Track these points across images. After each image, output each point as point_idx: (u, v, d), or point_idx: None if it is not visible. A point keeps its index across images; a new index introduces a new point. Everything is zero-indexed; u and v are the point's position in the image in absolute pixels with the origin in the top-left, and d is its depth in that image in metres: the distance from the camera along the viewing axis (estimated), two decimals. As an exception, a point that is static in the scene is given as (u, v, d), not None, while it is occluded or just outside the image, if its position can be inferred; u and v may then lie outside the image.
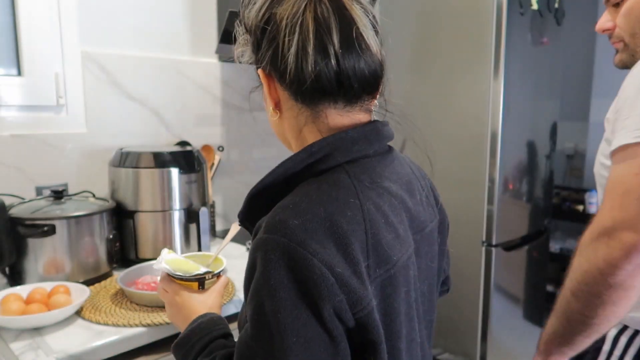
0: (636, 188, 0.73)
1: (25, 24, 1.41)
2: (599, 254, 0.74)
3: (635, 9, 0.90)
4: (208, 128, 1.86)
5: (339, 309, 0.54)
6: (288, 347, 0.52)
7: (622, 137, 0.77)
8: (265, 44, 0.63)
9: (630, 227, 0.72)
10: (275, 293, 0.53)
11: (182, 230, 1.46)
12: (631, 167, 0.75)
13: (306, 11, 0.60)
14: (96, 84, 1.55)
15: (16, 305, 1.03)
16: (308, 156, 0.61)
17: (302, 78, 0.61)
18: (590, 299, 0.76)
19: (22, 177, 1.41)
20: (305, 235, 0.54)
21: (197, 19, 1.78)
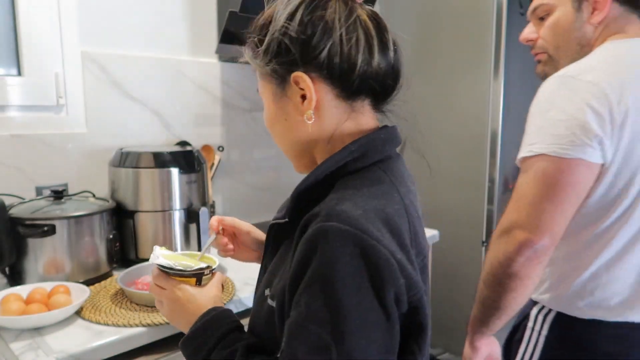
0: (526, 195, 0.88)
1: (25, 24, 1.41)
2: (500, 249, 0.89)
3: (561, 23, 0.99)
4: (208, 128, 1.86)
5: (399, 292, 0.58)
6: (350, 330, 0.55)
7: (521, 150, 0.91)
8: (314, 44, 0.64)
9: (521, 226, 0.87)
10: (342, 277, 0.55)
11: (182, 230, 1.45)
12: (523, 177, 0.90)
13: (360, 12, 0.66)
14: (96, 84, 1.55)
15: (16, 305, 1.03)
16: (348, 154, 0.66)
17: (369, 70, 0.66)
18: (495, 287, 0.91)
19: (22, 177, 1.41)
20: (368, 224, 0.57)
21: (197, 19, 1.78)
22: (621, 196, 0.89)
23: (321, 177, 0.66)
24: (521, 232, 0.87)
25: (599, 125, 0.84)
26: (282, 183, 2.08)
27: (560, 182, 0.86)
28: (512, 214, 0.90)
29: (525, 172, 0.90)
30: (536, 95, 0.93)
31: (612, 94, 0.85)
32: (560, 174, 0.86)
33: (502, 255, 0.89)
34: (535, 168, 0.88)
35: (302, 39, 0.65)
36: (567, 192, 0.86)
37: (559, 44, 1.01)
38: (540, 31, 1.03)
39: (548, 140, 0.87)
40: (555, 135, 0.86)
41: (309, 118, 0.67)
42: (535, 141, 0.88)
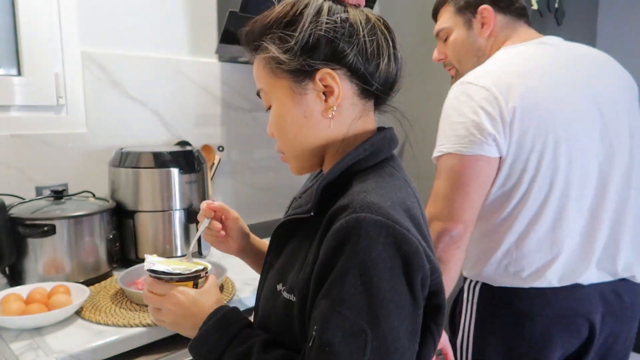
0: (440, 190, 1.04)
1: (25, 24, 1.41)
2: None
3: (458, 42, 1.19)
4: (208, 128, 1.86)
5: (425, 276, 0.62)
6: (384, 314, 0.58)
7: (434, 151, 1.06)
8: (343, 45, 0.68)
9: (438, 218, 1.02)
10: (378, 265, 0.59)
11: (182, 230, 1.45)
12: (438, 174, 1.05)
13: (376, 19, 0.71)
14: (96, 84, 1.55)
15: (16, 305, 1.03)
16: (362, 152, 0.70)
17: (388, 74, 0.71)
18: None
19: (22, 177, 1.41)
20: (397, 215, 0.62)
21: (197, 19, 1.78)
22: (518, 183, 1.03)
23: (339, 172, 0.69)
24: (438, 222, 1.02)
25: (492, 125, 0.99)
26: (282, 183, 2.08)
27: (465, 176, 1.01)
28: (430, 208, 1.05)
29: (437, 170, 1.06)
30: (445, 102, 1.08)
31: (501, 96, 1.00)
32: (464, 169, 1.01)
33: None
34: (445, 166, 1.04)
35: (332, 37, 0.67)
36: (472, 184, 1.01)
37: (460, 59, 1.20)
38: (446, 50, 1.23)
39: (452, 141, 1.02)
40: (456, 136, 1.02)
41: (331, 114, 0.70)
42: (442, 142, 1.04)
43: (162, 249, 1.43)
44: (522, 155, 1.01)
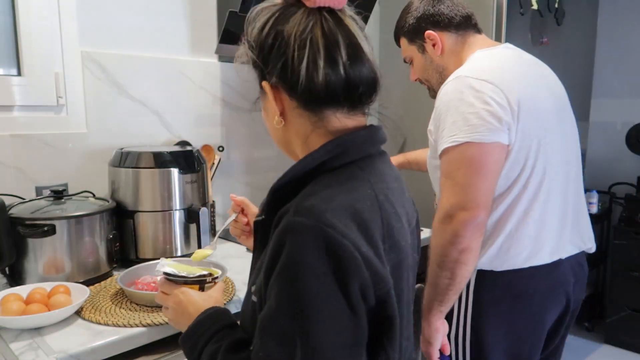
0: (460, 179, 1.05)
1: (25, 24, 1.41)
2: (447, 231, 1.05)
3: (419, 65, 1.34)
4: (208, 128, 1.86)
5: (364, 286, 0.59)
6: (315, 322, 0.57)
7: (443, 143, 1.09)
8: (273, 58, 0.68)
9: (462, 207, 1.04)
10: (307, 270, 0.57)
11: (182, 230, 1.45)
12: (453, 164, 1.07)
13: (315, 28, 0.66)
14: (96, 84, 1.55)
15: (16, 305, 1.03)
16: (324, 153, 0.68)
17: (313, 88, 0.67)
18: (451, 265, 1.06)
19: (22, 177, 1.41)
20: (334, 219, 0.59)
21: (197, 19, 1.78)
22: (522, 170, 1.10)
23: (298, 174, 0.68)
24: (464, 212, 1.04)
25: (504, 114, 1.06)
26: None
27: (487, 163, 1.05)
28: (450, 199, 1.06)
29: (451, 161, 1.07)
30: (439, 99, 1.14)
31: (505, 88, 1.08)
32: (485, 156, 1.05)
33: (450, 236, 1.05)
34: (462, 155, 1.05)
35: (262, 54, 0.69)
36: (492, 171, 1.06)
37: (426, 77, 1.35)
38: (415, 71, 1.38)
39: (467, 130, 1.05)
40: (471, 125, 1.05)
41: (277, 123, 0.72)
42: (455, 133, 1.06)
43: (162, 249, 1.43)
44: (525, 144, 1.09)
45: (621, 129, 3.01)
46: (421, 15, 1.27)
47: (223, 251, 1.57)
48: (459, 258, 1.05)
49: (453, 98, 1.10)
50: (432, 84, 1.34)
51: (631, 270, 2.67)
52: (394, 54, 1.98)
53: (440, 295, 1.10)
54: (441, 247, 1.07)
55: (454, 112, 1.08)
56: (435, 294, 1.11)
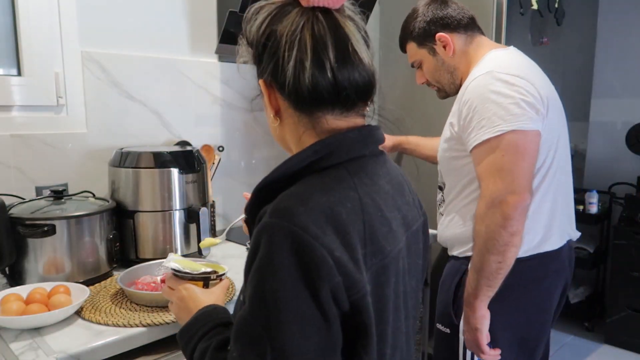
0: (506, 165, 1.10)
1: (25, 24, 1.41)
2: (496, 215, 1.09)
3: (430, 68, 1.38)
4: (208, 128, 1.86)
5: (336, 290, 0.58)
6: (284, 324, 0.56)
7: (483, 134, 1.13)
8: (266, 57, 0.68)
9: (512, 192, 1.09)
10: (277, 272, 0.57)
11: (182, 230, 1.45)
12: (498, 152, 1.11)
13: (304, 29, 0.65)
14: (96, 84, 1.55)
15: (16, 305, 1.03)
16: (311, 154, 0.66)
17: (299, 89, 0.66)
18: (501, 248, 1.10)
19: (22, 177, 1.41)
20: (308, 221, 0.58)
21: (197, 19, 1.78)
22: (544, 161, 1.19)
23: (285, 174, 0.67)
24: (513, 195, 1.08)
25: (540, 105, 1.14)
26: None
27: (530, 150, 1.11)
28: (497, 184, 1.10)
29: (495, 149, 1.11)
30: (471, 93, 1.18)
31: (535, 83, 1.15)
32: (528, 143, 1.11)
33: (502, 219, 1.09)
34: (506, 143, 1.10)
35: (256, 53, 0.70)
36: (533, 157, 1.12)
37: (437, 79, 1.39)
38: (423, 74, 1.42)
39: (510, 120, 1.10)
40: (513, 115, 1.11)
41: (272, 122, 0.72)
42: (498, 123, 1.11)
43: (162, 249, 1.43)
44: (550, 137, 1.18)
45: (621, 129, 3.01)
46: (431, 19, 1.32)
47: (223, 251, 1.57)
48: (510, 241, 1.09)
49: (488, 91, 1.14)
50: (442, 84, 1.39)
51: (631, 270, 2.67)
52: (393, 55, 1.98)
53: (489, 279, 1.13)
54: (491, 232, 1.10)
55: (492, 104, 1.12)
56: (483, 279, 1.14)
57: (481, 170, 1.14)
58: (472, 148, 1.16)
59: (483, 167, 1.14)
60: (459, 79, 1.34)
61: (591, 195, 2.89)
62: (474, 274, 1.15)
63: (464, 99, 1.19)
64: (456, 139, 1.23)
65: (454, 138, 1.24)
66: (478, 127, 1.14)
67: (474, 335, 1.19)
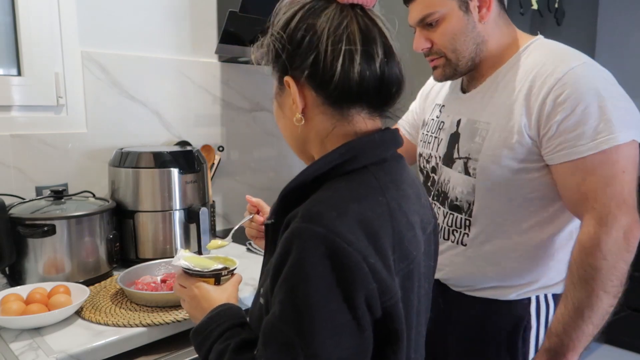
0: (628, 185, 0.89)
1: (25, 24, 1.41)
2: (622, 250, 0.88)
3: (455, 28, 1.00)
4: (208, 128, 1.86)
5: (370, 297, 0.58)
6: (317, 330, 0.55)
7: (600, 142, 0.89)
8: (301, 53, 0.66)
9: (635, 219, 0.89)
10: (311, 279, 0.56)
11: (182, 230, 1.45)
12: (618, 167, 0.89)
13: (351, 23, 0.66)
14: (96, 84, 1.55)
15: (16, 305, 1.03)
16: (338, 157, 0.66)
17: (347, 83, 0.65)
18: (618, 288, 0.89)
19: (22, 177, 1.41)
20: (342, 227, 0.58)
21: (197, 19, 1.78)
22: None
23: (310, 178, 0.66)
24: (637, 224, 0.89)
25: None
26: (282, 183, 2.05)
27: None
28: (621, 209, 0.89)
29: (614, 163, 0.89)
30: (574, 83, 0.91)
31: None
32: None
33: (628, 255, 0.89)
34: (627, 155, 0.89)
35: (291, 47, 0.67)
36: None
37: (456, 47, 1.02)
38: (433, 37, 1.03)
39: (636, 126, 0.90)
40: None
41: (297, 120, 0.70)
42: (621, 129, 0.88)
43: (162, 249, 1.43)
44: None
45: (621, 129, 3.01)
46: None
47: (223, 251, 1.57)
48: (625, 274, 0.90)
49: (607, 85, 0.92)
50: (458, 56, 1.03)
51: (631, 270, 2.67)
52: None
53: (598, 327, 0.91)
54: (617, 269, 0.89)
55: (616, 102, 0.90)
56: (589, 326, 0.90)
57: (593, 188, 0.90)
58: (578, 158, 0.90)
59: (596, 185, 0.89)
60: (480, 57, 1.03)
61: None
62: (579, 322, 0.90)
63: (557, 92, 0.91)
64: (527, 146, 0.96)
65: (525, 145, 0.96)
66: (591, 133, 0.89)
67: None
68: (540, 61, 0.97)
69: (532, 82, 0.95)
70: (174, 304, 1.12)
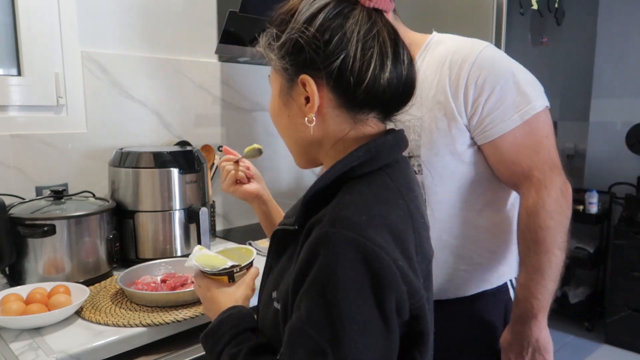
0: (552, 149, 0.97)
1: (25, 24, 1.41)
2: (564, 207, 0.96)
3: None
4: (208, 128, 1.86)
5: (401, 299, 0.58)
6: (347, 335, 0.55)
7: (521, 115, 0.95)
8: (327, 54, 0.64)
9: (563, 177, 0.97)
10: (343, 283, 0.56)
11: (182, 230, 1.45)
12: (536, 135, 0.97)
13: (382, 28, 0.65)
14: (96, 84, 1.55)
15: (16, 305, 1.03)
16: (355, 159, 0.65)
17: (374, 89, 0.65)
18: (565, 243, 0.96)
19: (22, 177, 1.41)
20: (371, 231, 0.58)
21: (197, 19, 1.78)
22: None
23: (329, 182, 0.65)
24: (567, 182, 0.97)
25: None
26: (282, 183, 2.07)
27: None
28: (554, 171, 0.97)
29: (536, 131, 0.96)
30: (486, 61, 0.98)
31: None
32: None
33: (568, 210, 0.97)
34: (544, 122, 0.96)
35: (317, 44, 0.64)
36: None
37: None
38: None
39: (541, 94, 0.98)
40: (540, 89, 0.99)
41: (310, 121, 0.67)
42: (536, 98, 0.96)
43: (162, 249, 1.43)
44: None
45: (621, 129, 3.01)
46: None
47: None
48: (568, 229, 0.97)
49: (512, 61, 1.00)
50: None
51: (631, 270, 2.67)
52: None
53: (556, 281, 0.96)
54: (562, 225, 0.95)
55: (524, 75, 0.98)
56: (551, 283, 0.96)
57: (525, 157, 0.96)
58: (505, 132, 0.95)
59: (527, 153, 0.96)
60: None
61: (591, 195, 2.89)
62: (542, 281, 0.95)
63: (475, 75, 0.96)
64: (462, 130, 0.99)
65: (460, 129, 0.99)
66: (513, 107, 0.95)
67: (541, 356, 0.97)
68: (449, 50, 1.01)
69: (450, 70, 0.99)
70: (174, 303, 1.12)
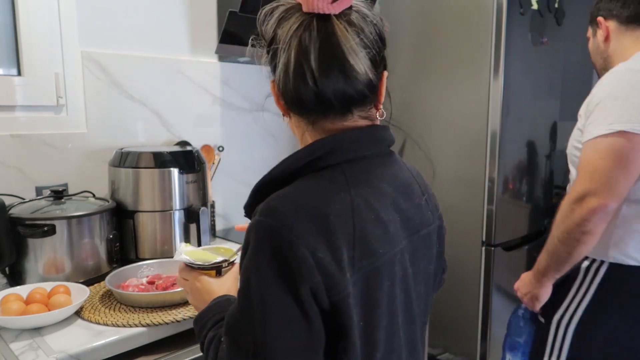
0: (600, 168, 1.10)
1: (25, 24, 1.41)
2: (575, 213, 1.12)
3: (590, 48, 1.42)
4: (208, 128, 1.86)
5: (316, 289, 0.59)
6: (267, 321, 0.58)
7: (593, 130, 1.13)
8: (270, 60, 0.70)
9: (594, 194, 1.10)
10: (260, 270, 0.59)
11: (182, 230, 1.46)
12: (596, 153, 1.12)
13: (294, 36, 0.64)
14: (96, 84, 1.55)
15: (16, 305, 1.03)
16: (309, 153, 0.66)
17: (287, 94, 0.67)
18: (571, 243, 1.15)
19: (22, 177, 1.41)
20: (294, 221, 0.59)
21: (197, 19, 1.78)
22: None
23: (283, 174, 0.67)
24: (594, 198, 1.09)
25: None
26: (282, 183, 2.07)
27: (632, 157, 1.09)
28: (585, 184, 1.11)
29: (597, 149, 1.11)
30: (601, 83, 1.18)
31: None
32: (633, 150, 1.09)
33: (578, 218, 1.11)
34: (608, 144, 1.09)
35: (269, 52, 0.69)
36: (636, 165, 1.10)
37: (593, 59, 1.41)
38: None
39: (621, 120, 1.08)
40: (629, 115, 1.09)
41: (284, 120, 0.74)
42: (611, 121, 1.10)
43: (162, 249, 1.43)
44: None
45: (621, 129, 3.01)
46: (598, 0, 1.34)
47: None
48: (581, 239, 1.12)
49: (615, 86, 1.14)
50: (596, 67, 1.40)
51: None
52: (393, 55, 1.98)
53: (557, 265, 1.20)
54: (566, 225, 1.14)
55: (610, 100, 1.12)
56: (552, 263, 1.21)
57: (580, 166, 1.15)
58: (584, 142, 1.16)
59: (582, 164, 1.14)
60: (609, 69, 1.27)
61: (591, 195, 2.88)
62: (545, 254, 1.22)
63: (593, 92, 1.19)
64: (580, 131, 1.22)
65: (579, 130, 1.23)
66: (594, 123, 1.13)
67: (532, 303, 1.29)
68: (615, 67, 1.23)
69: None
70: (170, 303, 1.12)
